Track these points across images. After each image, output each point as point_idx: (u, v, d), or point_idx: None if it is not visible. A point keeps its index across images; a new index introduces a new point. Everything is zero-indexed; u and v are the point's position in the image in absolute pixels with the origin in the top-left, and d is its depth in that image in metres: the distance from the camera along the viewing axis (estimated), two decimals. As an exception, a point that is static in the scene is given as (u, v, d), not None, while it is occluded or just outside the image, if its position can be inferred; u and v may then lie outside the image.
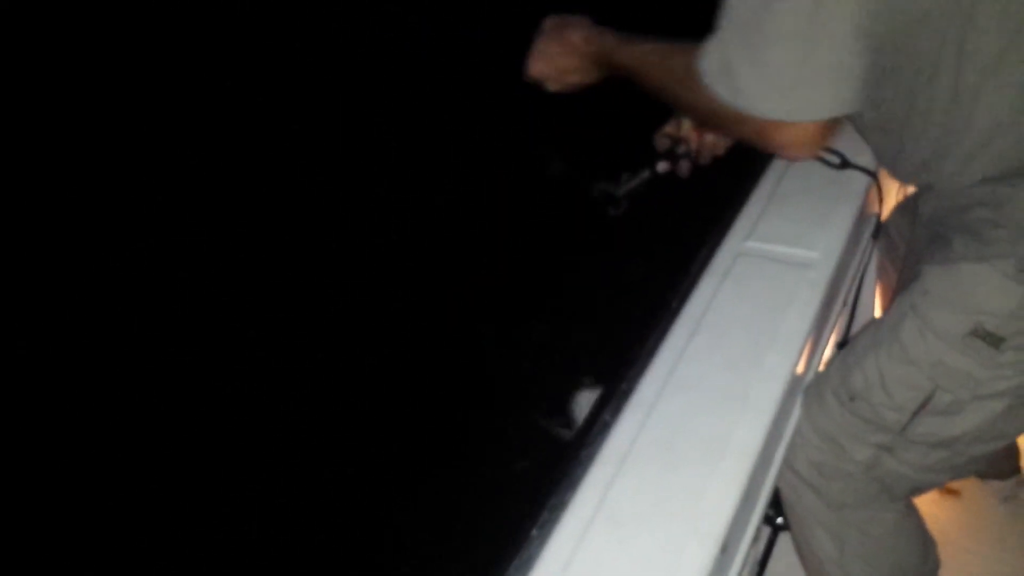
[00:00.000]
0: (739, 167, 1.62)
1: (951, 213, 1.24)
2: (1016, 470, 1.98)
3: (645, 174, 1.58)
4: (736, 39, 1.16)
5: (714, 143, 1.56)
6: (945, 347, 1.22)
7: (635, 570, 1.02)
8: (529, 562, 1.06)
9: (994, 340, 1.18)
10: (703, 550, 1.03)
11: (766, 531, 1.66)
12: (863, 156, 1.54)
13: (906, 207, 1.60)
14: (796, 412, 1.37)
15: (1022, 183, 1.15)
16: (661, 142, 1.58)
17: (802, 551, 1.50)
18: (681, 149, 1.58)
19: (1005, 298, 1.17)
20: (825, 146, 1.39)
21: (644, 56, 1.35)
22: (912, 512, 1.42)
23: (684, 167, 1.59)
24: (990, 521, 1.97)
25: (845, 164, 1.55)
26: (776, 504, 1.52)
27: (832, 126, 1.22)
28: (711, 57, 1.19)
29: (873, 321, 1.42)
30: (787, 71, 1.12)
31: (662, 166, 1.58)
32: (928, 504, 1.52)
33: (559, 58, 1.48)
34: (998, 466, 1.94)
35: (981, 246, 1.18)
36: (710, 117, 1.30)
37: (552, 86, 1.53)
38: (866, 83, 1.15)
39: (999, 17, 1.07)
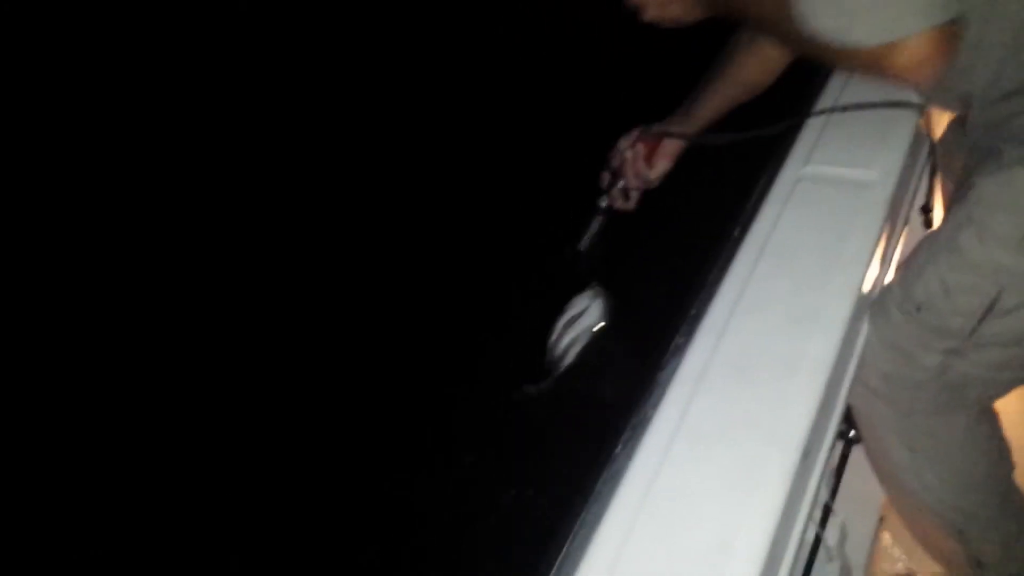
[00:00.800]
0: (793, 93, 1.65)
1: (996, 126, 1.27)
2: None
3: (596, 220, 1.70)
4: None
5: (638, 176, 1.72)
6: (1004, 250, 1.26)
7: (721, 482, 1.08)
8: (616, 477, 1.12)
9: None
10: (785, 457, 1.08)
11: (839, 446, 1.70)
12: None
13: (957, 129, 1.62)
14: (865, 329, 1.41)
15: None
16: (603, 178, 1.74)
17: (875, 461, 1.56)
18: (619, 184, 1.72)
19: None
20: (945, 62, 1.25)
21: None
22: (986, 418, 1.46)
23: (621, 201, 1.73)
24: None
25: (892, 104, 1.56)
26: (848, 419, 1.57)
27: (944, 38, 1.15)
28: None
29: (931, 233, 1.45)
30: None
31: (604, 202, 1.71)
32: (1005, 406, 1.55)
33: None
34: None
35: None
36: (822, 57, 1.30)
37: (651, 12, 1.49)
38: None
39: None
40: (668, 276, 1.82)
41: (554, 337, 1.67)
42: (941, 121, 1.68)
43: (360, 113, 4.24)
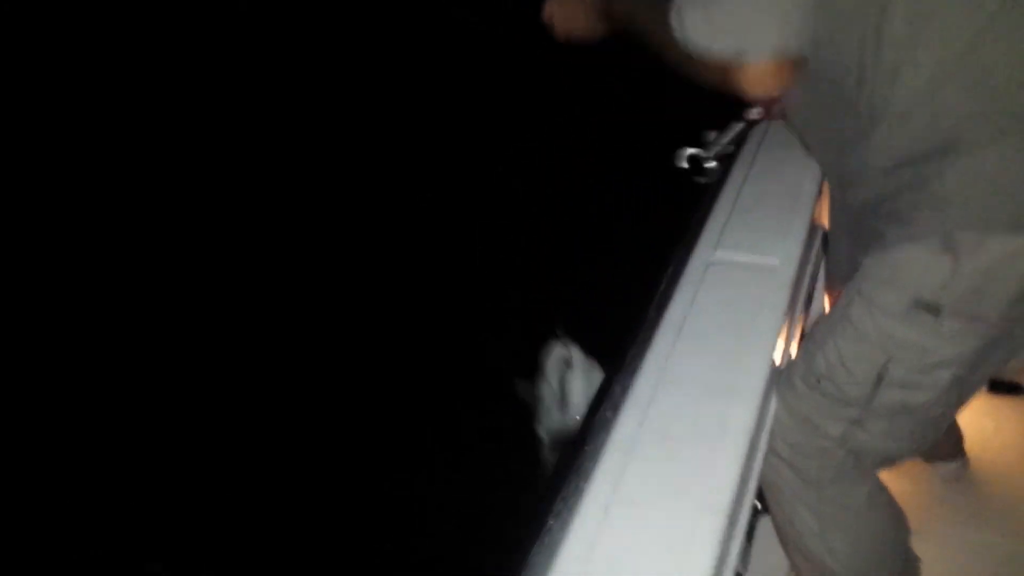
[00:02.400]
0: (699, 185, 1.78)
1: (879, 203, 1.37)
2: (959, 452, 2.16)
3: (737, 127, 1.65)
4: None
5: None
6: (891, 320, 1.37)
7: (656, 545, 1.13)
8: (552, 548, 1.16)
9: (933, 309, 1.32)
10: (715, 520, 1.15)
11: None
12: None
13: (840, 214, 1.75)
14: (773, 400, 1.51)
15: (938, 162, 1.28)
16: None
17: (783, 530, 1.64)
18: None
19: (937, 272, 1.31)
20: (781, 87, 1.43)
21: (636, 10, 1.49)
22: (883, 486, 1.57)
23: (776, 110, 1.64)
24: (937, 500, 2.15)
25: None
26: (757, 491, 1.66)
27: (785, 67, 1.32)
28: (674, 7, 1.33)
29: (826, 313, 1.57)
30: (736, 14, 1.28)
31: (755, 112, 1.66)
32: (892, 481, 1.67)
33: (567, 5, 1.60)
34: (942, 449, 2.12)
35: (909, 228, 1.33)
36: (685, 66, 1.39)
37: (559, 29, 1.64)
38: (805, 37, 1.29)
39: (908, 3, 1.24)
40: (593, 352, 1.89)
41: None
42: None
43: (359, 113, 4.30)
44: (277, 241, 3.65)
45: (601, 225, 3.28)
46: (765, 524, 1.76)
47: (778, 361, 1.49)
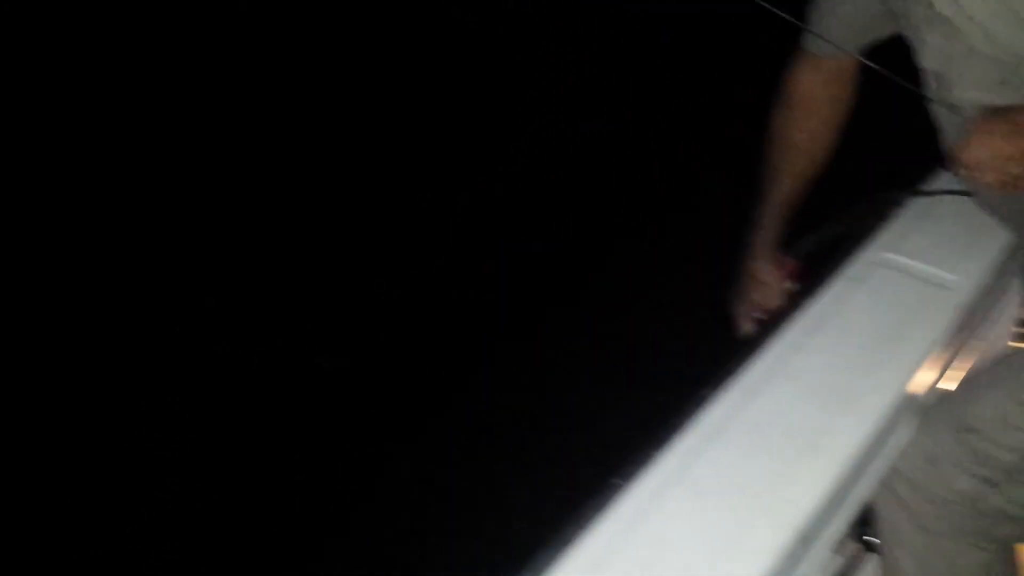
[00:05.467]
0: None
1: None
2: None
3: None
4: None
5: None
6: None
7: (703, 538, 1.04)
8: (604, 510, 1.09)
9: None
10: (776, 535, 1.04)
11: (855, 548, 1.63)
12: None
13: None
14: (904, 431, 1.34)
15: None
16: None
17: (887, 574, 1.47)
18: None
19: None
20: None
21: None
22: (1007, 558, 1.37)
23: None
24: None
25: None
26: (869, 522, 1.50)
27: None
28: None
29: (1004, 357, 1.37)
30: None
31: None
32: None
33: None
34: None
35: None
36: None
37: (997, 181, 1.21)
38: None
39: None
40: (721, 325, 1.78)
41: None
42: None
43: (360, 113, 4.28)
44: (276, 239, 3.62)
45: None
46: (873, 563, 1.60)
47: (924, 388, 1.31)
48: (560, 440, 2.53)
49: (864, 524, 1.55)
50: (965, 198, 1.48)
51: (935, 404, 1.37)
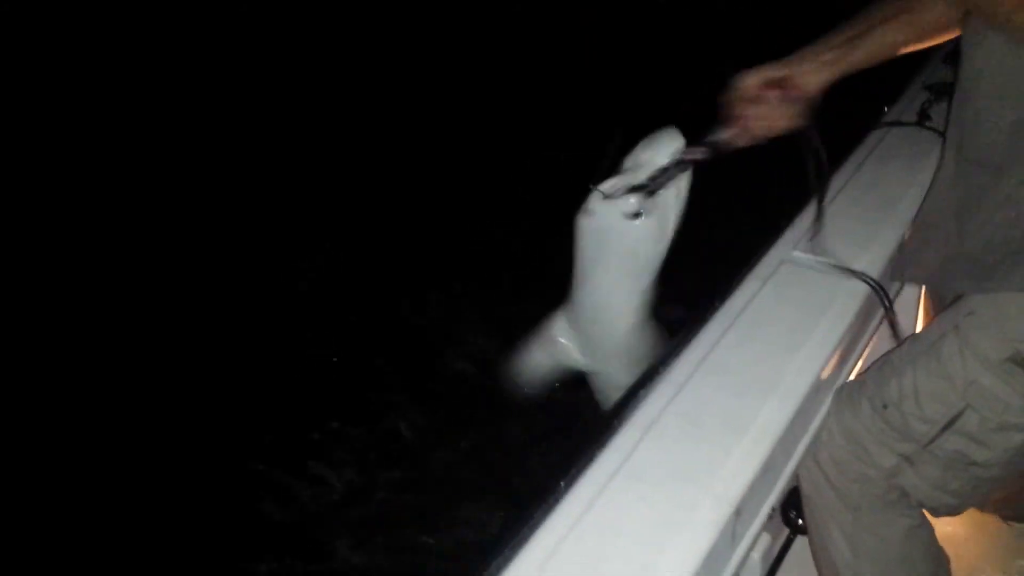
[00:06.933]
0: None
1: (1004, 242, 1.26)
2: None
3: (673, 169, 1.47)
4: None
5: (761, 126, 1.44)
6: (982, 368, 1.27)
7: (650, 522, 1.09)
8: (553, 508, 1.14)
9: None
10: (716, 510, 1.10)
11: (784, 531, 1.71)
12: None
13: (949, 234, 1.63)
14: (823, 410, 1.43)
15: None
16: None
17: (817, 553, 1.55)
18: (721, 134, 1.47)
19: None
20: None
21: (882, 40, 1.34)
22: (926, 523, 1.46)
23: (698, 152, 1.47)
24: (1005, 550, 1.98)
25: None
26: (797, 505, 1.58)
27: None
28: None
29: (914, 336, 1.47)
30: None
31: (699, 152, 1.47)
32: (948, 524, 1.56)
33: (764, 105, 1.38)
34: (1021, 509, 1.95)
35: None
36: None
37: (757, 134, 1.43)
38: None
39: None
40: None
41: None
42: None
43: (359, 113, 4.37)
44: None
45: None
46: (801, 545, 1.68)
47: (831, 372, 1.40)
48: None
49: (793, 507, 1.64)
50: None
51: (853, 385, 1.46)
